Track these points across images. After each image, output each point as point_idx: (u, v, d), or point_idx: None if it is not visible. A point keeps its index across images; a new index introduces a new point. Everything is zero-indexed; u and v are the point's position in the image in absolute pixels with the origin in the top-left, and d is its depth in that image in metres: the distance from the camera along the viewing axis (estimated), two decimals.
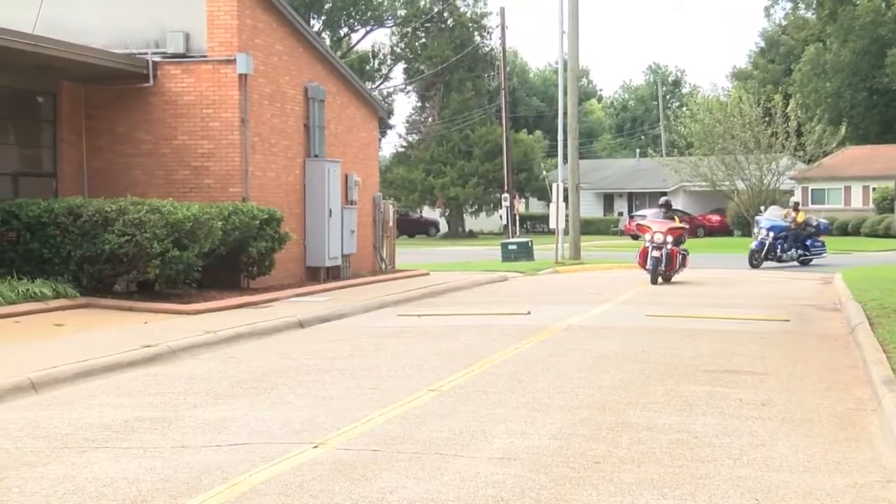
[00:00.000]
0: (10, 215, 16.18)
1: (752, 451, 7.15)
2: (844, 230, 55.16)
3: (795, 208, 30.92)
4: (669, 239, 22.27)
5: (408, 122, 74.62)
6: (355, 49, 75.57)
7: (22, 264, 16.11)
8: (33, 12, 19.08)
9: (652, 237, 22.27)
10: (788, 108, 51.24)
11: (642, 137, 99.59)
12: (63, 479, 6.46)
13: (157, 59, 19.25)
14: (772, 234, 29.59)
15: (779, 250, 29.75)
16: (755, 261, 29.56)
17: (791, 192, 58.80)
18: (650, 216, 24.06)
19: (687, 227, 24.12)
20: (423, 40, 71.61)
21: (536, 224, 71.05)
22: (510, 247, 34.35)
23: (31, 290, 15.17)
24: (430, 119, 71.09)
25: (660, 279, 22.26)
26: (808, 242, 30.56)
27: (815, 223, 30.90)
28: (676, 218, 24.69)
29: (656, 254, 22.04)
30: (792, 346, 12.63)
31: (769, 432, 7.74)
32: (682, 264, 23.15)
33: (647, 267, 22.26)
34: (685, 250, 27.27)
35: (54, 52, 17.11)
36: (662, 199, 24.57)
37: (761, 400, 9.00)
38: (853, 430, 7.86)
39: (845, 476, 6.53)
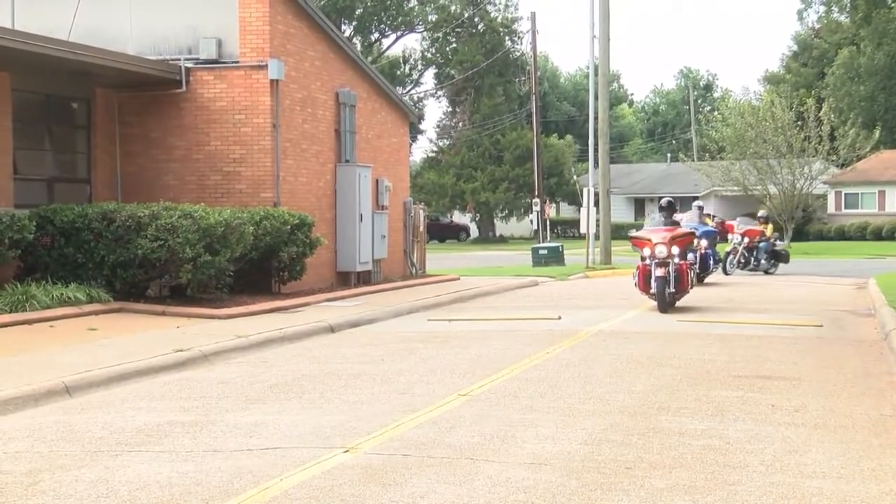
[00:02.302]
0: (45, 220, 16.33)
1: (785, 457, 7.09)
2: (879, 235, 54.65)
3: (702, 212, 25.57)
4: (675, 251, 17.26)
5: (438, 126, 74.76)
6: (386, 54, 75.76)
7: (56, 269, 16.25)
8: (69, 20, 19.25)
9: (653, 251, 17.23)
10: (821, 112, 50.84)
11: (673, 142, 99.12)
12: (97, 483, 6.51)
13: (189, 65, 19.38)
14: (704, 242, 23.73)
15: (711, 263, 24.51)
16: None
17: (824, 197, 58.31)
18: (648, 224, 18.95)
19: (690, 231, 19.13)
20: (454, 45, 71.70)
21: (567, 229, 70.89)
22: (541, 251, 34.30)
23: (65, 295, 15.31)
24: (460, 124, 71.13)
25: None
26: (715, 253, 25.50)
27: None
28: (692, 221, 20.26)
29: (660, 272, 17.06)
30: (825, 352, 12.51)
31: (802, 438, 7.67)
32: (693, 283, 18.46)
33: (651, 290, 17.38)
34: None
35: (89, 58, 17.27)
36: (664, 201, 19.09)
37: (794, 406, 8.93)
38: (888, 436, 7.78)
39: (880, 483, 6.46)
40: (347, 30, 70.58)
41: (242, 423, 8.26)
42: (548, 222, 49.67)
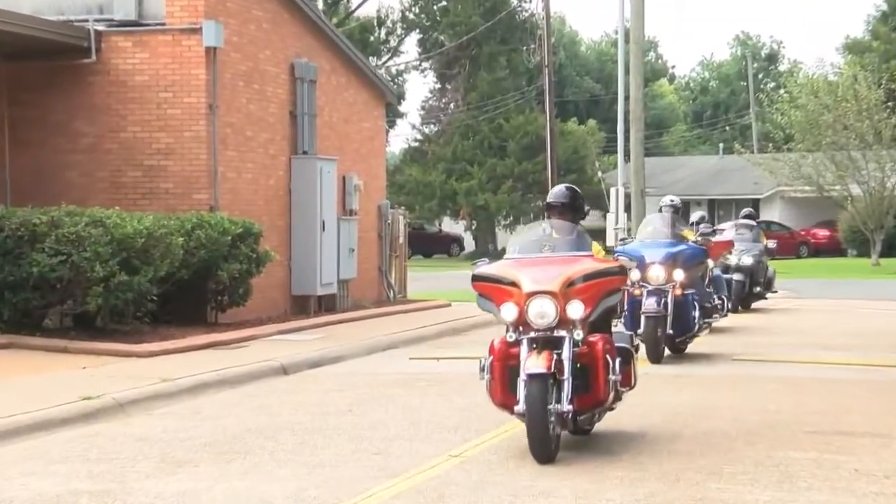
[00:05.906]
0: None
1: None
2: None
3: (677, 216, 18.22)
4: (578, 312, 9.77)
5: (423, 108, 74.79)
6: (356, 15, 75.92)
7: None
8: None
9: (521, 313, 10.06)
10: None
11: (727, 128, 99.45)
12: None
13: (100, 27, 19.38)
14: (681, 275, 16.58)
15: (695, 315, 17.23)
16: None
17: None
18: (516, 247, 10.90)
19: (616, 267, 10.44)
20: (444, 3, 71.87)
21: None
22: None
23: None
24: (452, 105, 71.24)
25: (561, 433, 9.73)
26: None
27: None
28: (600, 245, 10.90)
29: (541, 368, 9.44)
30: None
31: None
32: (631, 378, 10.44)
33: (518, 409, 9.48)
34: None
35: None
36: (555, 194, 11.03)
37: (884, 471, 8.94)
38: None
39: None
40: None
41: (167, 493, 8.25)
42: None
